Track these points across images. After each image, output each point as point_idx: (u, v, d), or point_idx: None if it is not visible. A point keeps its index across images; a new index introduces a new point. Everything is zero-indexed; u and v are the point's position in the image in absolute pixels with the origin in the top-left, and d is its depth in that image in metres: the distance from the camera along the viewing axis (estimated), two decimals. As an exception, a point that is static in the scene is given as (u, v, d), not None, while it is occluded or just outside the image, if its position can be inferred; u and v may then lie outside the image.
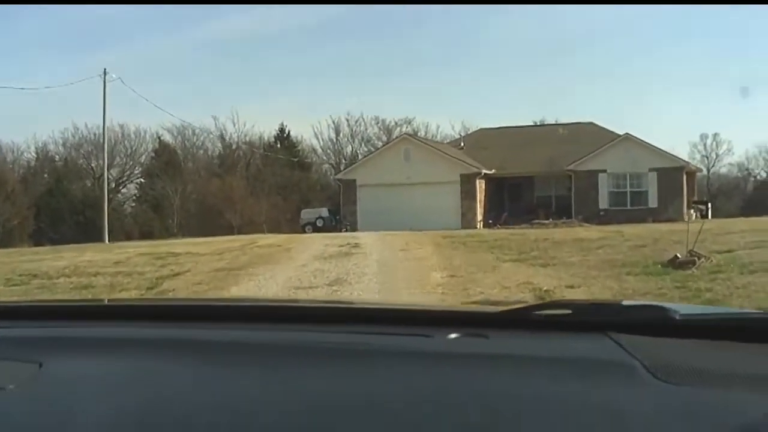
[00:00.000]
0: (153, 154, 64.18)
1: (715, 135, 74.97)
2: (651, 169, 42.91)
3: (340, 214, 43.97)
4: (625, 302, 1.89)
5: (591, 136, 46.59)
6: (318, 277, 14.41)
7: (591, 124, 49.29)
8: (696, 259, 15.60)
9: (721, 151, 75.69)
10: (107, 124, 62.90)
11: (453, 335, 1.64)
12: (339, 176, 46.34)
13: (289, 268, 16.25)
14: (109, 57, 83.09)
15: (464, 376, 1.45)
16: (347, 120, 67.78)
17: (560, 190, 46.12)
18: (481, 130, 52.04)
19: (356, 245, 21.56)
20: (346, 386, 1.46)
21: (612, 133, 46.58)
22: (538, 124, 59.36)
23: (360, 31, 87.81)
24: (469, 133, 52.05)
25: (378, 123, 67.99)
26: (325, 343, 1.68)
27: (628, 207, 43.09)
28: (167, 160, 63.00)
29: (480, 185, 43.07)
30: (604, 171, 43.12)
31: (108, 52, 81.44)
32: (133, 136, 63.56)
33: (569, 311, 1.72)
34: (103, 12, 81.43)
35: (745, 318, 1.93)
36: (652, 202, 43.01)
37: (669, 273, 14.64)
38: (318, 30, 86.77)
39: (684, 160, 46.59)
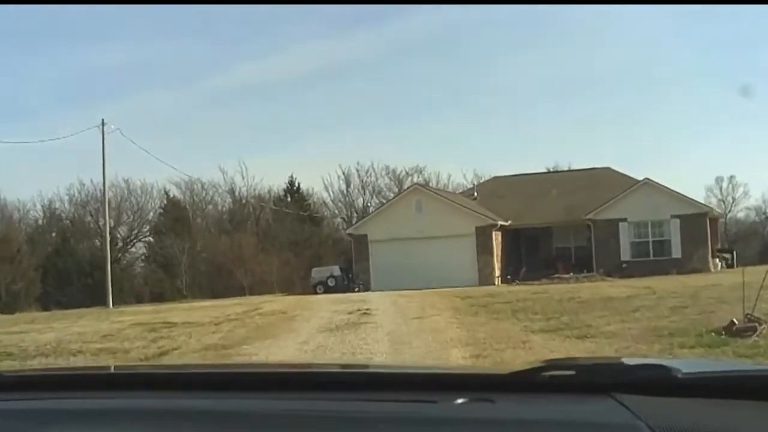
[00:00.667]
0: (161, 211, 62.31)
1: (731, 178, 72.78)
2: (673, 216, 40.70)
3: (352, 271, 41.80)
4: (627, 360, 2.00)
5: (608, 183, 44.55)
6: (319, 358, 12.26)
7: (608, 169, 47.25)
8: (756, 324, 13.37)
9: (737, 195, 73.45)
10: (112, 179, 62.13)
11: (459, 400, 1.64)
12: (350, 231, 44.19)
13: (289, 344, 14.09)
14: (114, 111, 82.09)
15: None
16: (357, 171, 65.95)
17: (579, 241, 43.90)
18: (494, 178, 49.99)
19: (367, 312, 19.36)
20: None
21: (629, 178, 44.53)
22: (552, 170, 57.42)
23: (367, 78, 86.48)
24: (482, 182, 49.87)
25: (388, 173, 66.11)
26: (329, 411, 1.65)
27: (651, 257, 40.81)
28: (176, 216, 61.17)
29: (496, 238, 40.91)
30: (625, 219, 40.91)
31: (113, 107, 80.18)
32: (139, 191, 61.85)
33: (573, 372, 1.72)
34: (107, 64, 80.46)
35: (747, 375, 1.90)
36: (676, 252, 40.69)
37: (728, 343, 12.40)
38: (323, 77, 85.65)
39: (707, 206, 44.45)
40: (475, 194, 46.19)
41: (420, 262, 39.97)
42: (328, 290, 41.08)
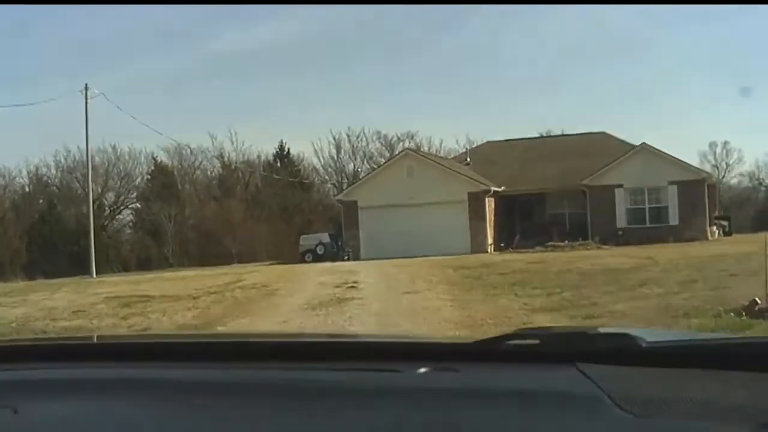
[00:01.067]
0: (148, 177, 60.66)
1: (725, 143, 71.51)
2: (671, 183, 39.27)
3: (341, 239, 40.39)
4: (593, 330, 1.91)
5: (604, 148, 43.06)
6: (286, 329, 10.94)
7: (603, 134, 45.79)
8: (782, 304, 12.05)
9: (731, 161, 72.21)
10: (99, 145, 60.67)
11: (422, 369, 1.63)
12: (339, 197, 42.54)
13: (266, 325, 12.72)
14: (106, 80, 79.92)
15: (434, 411, 1.44)
16: (348, 136, 64.24)
17: (574, 207, 42.48)
18: (488, 143, 48.34)
19: (354, 285, 17.97)
20: (313, 426, 1.44)
21: (626, 143, 43.05)
22: (545, 135, 55.75)
23: (359, 46, 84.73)
24: (474, 146, 48.03)
25: (380, 138, 64.44)
26: (293, 380, 1.64)
27: (647, 225, 39.42)
28: (163, 182, 59.57)
29: (489, 204, 39.51)
30: (621, 186, 39.50)
31: (105, 75, 78.37)
32: (127, 157, 60.13)
33: (538, 341, 1.71)
34: (97, 31, 78.55)
35: (709, 344, 1.90)
36: (673, 219, 39.31)
37: (752, 326, 11.12)
38: (314, 44, 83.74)
39: (706, 171, 43.15)
40: (468, 159, 44.68)
41: (411, 229, 38.61)
42: (317, 258, 39.74)
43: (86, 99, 37.81)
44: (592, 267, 22.09)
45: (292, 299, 16.17)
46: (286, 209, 59.36)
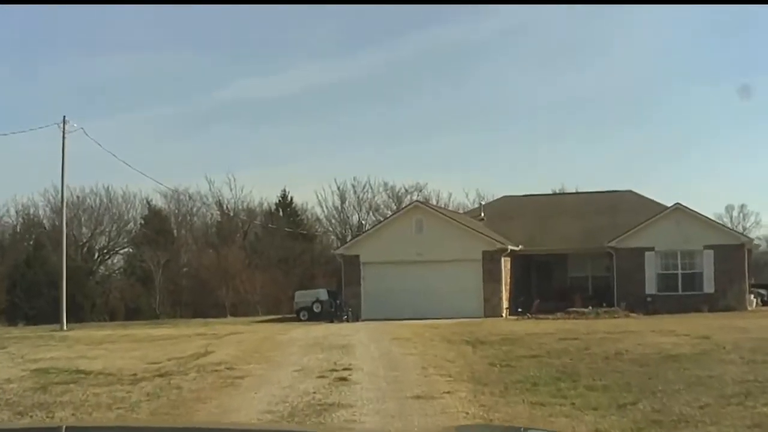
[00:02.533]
0: (142, 221, 55.90)
1: (743, 206, 66.87)
2: (706, 247, 34.41)
3: (341, 296, 35.41)
4: None
5: (631, 207, 38.37)
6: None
7: (630, 192, 41.01)
8: None
9: (748, 224, 67.49)
10: (92, 187, 56.41)
11: None
12: (340, 251, 37.50)
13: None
14: (112, 123, 75.74)
15: None
16: (353, 186, 59.43)
17: (598, 270, 37.60)
18: (503, 197, 43.44)
19: (345, 376, 12.95)
20: None
21: (654, 203, 38.32)
22: (558, 192, 50.92)
23: (366, 95, 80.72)
24: (489, 201, 43.09)
25: (387, 190, 59.62)
26: None
27: (680, 292, 34.49)
28: (158, 228, 54.82)
29: (505, 264, 34.61)
30: (652, 249, 34.61)
31: (111, 119, 74.27)
32: (120, 200, 55.38)
33: None
34: (106, 76, 74.75)
35: None
36: (708, 287, 34.36)
37: None
38: (321, 94, 79.76)
39: (746, 236, 38.28)
40: (482, 215, 39.88)
41: (418, 288, 33.75)
42: (312, 317, 34.78)
43: (63, 133, 33.35)
44: (644, 350, 17.15)
45: (255, 397, 11.21)
46: (287, 260, 54.48)
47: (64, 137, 33.40)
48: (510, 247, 34.56)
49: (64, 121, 33.39)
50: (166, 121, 77.13)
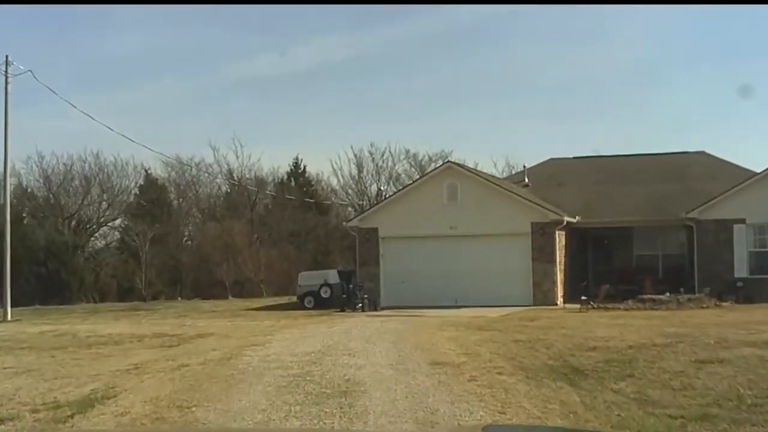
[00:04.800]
0: (137, 191, 49.07)
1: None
2: (811, 219, 27.06)
3: (355, 278, 28.35)
4: None
5: (705, 171, 31.09)
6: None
7: (702, 153, 33.59)
8: None
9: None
10: (80, 153, 49.99)
11: None
12: (354, 223, 30.06)
13: None
14: (127, 96, 69.13)
15: None
16: (371, 154, 52.08)
17: (670, 248, 30.32)
18: (550, 160, 35.84)
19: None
20: None
21: (734, 165, 30.99)
22: (616, 155, 43.22)
23: (386, 70, 73.70)
24: (535, 165, 35.47)
25: (408, 158, 52.21)
26: None
27: (776, 274, 27.19)
28: (154, 198, 48.00)
29: (560, 240, 27.39)
30: (743, 221, 27.22)
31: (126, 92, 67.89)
32: (112, 168, 48.51)
33: None
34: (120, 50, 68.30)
35: None
36: (812, 268, 27.05)
37: None
38: (341, 68, 72.80)
39: None
40: (526, 180, 32.57)
41: (450, 269, 26.76)
42: (319, 303, 27.84)
43: (6, 75, 26.26)
44: None
45: None
46: (299, 234, 47.58)
47: (6, 79, 26.30)
48: (566, 219, 27.27)
49: (7, 62, 26.26)
50: (176, 95, 70.45)
